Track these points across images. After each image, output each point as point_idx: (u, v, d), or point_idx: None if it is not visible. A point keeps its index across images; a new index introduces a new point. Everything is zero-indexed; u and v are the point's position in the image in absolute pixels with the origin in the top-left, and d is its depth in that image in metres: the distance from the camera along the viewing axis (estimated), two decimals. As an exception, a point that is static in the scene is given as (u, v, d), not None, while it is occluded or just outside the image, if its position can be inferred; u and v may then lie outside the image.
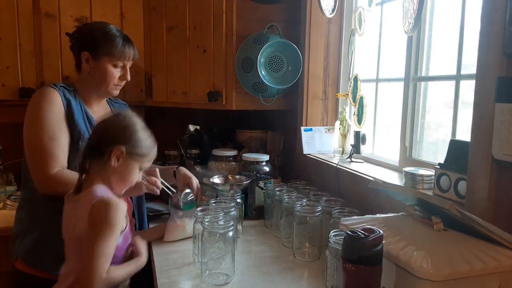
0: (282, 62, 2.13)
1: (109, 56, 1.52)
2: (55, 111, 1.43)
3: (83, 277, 1.07)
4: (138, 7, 2.34)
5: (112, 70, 1.54)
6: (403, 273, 0.95)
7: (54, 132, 1.41)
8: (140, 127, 1.22)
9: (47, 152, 1.39)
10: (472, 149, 1.15)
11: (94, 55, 1.52)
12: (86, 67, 1.53)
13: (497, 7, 1.07)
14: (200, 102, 2.23)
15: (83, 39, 1.54)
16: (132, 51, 1.58)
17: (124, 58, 1.55)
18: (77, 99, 1.53)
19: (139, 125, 1.21)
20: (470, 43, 1.40)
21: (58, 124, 1.43)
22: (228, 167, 2.15)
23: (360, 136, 1.91)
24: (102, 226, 1.09)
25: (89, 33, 1.53)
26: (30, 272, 1.44)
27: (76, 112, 1.48)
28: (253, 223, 1.90)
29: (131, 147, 1.19)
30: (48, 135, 1.40)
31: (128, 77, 1.59)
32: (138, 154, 1.21)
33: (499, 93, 1.07)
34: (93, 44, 1.51)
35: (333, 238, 1.16)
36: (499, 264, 0.93)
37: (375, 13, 1.90)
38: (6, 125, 1.49)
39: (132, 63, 1.61)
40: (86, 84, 1.56)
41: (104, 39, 1.51)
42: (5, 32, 2.13)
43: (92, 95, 1.59)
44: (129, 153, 1.19)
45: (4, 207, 2.13)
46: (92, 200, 1.12)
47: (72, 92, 1.52)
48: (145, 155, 1.23)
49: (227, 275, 1.36)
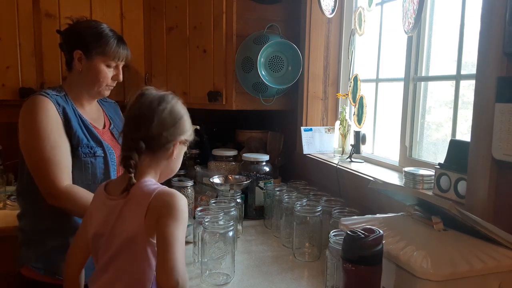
0: (282, 62, 2.13)
1: (102, 56, 1.49)
2: (53, 121, 1.40)
3: (168, 271, 0.97)
4: (138, 7, 2.34)
5: (105, 70, 1.51)
6: (403, 273, 0.95)
7: (55, 141, 1.38)
8: (185, 111, 1.16)
9: (52, 162, 1.36)
10: (472, 149, 1.15)
11: (87, 54, 1.49)
12: (78, 66, 1.50)
13: (497, 7, 1.07)
14: (200, 102, 2.23)
15: (75, 38, 1.50)
16: (126, 51, 1.55)
17: (118, 58, 1.53)
18: (70, 104, 1.49)
19: (184, 109, 1.16)
20: (470, 43, 1.40)
21: (57, 133, 1.40)
22: (228, 167, 2.15)
23: (360, 136, 1.91)
24: (175, 216, 1.00)
25: (83, 32, 1.50)
26: (37, 278, 1.43)
27: (72, 119, 1.45)
28: (253, 223, 1.90)
29: (187, 135, 1.16)
30: (50, 144, 1.37)
31: (121, 77, 1.57)
32: (188, 140, 1.18)
33: (499, 93, 1.07)
34: (87, 43, 1.48)
35: (333, 238, 1.16)
36: (499, 264, 0.94)
37: (375, 13, 1.90)
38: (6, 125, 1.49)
39: (124, 63, 1.58)
40: (77, 84, 1.53)
41: (98, 39, 1.49)
42: (5, 32, 2.13)
43: (83, 95, 1.55)
44: (184, 141, 1.16)
45: (4, 207, 2.13)
46: (148, 194, 1.03)
47: (64, 97, 1.48)
48: (191, 137, 1.19)
49: (227, 275, 1.36)
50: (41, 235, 1.43)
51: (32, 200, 1.44)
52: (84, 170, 1.43)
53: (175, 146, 1.12)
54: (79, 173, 1.42)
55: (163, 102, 1.10)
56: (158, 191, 1.04)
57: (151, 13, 2.35)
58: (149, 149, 1.08)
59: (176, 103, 1.14)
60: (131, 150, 1.06)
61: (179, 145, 1.14)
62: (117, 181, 1.14)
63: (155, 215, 1.01)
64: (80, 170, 1.43)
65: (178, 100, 1.16)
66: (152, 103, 1.09)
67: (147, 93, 1.12)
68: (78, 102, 1.54)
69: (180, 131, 1.13)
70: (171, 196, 1.03)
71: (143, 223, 1.02)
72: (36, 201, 1.41)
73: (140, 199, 1.04)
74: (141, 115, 1.08)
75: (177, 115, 1.12)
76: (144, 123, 1.07)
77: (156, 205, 1.02)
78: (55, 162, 1.36)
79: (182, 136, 1.14)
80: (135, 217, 1.04)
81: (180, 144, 1.14)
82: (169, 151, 1.12)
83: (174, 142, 1.11)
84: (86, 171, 1.43)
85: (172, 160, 1.14)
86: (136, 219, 1.03)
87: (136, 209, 1.04)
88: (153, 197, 1.03)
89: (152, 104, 1.09)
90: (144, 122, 1.07)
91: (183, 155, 1.20)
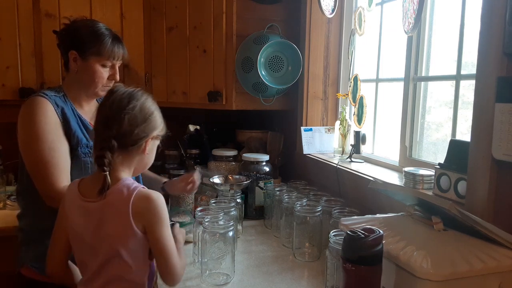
0: (282, 62, 2.13)
1: (97, 56, 1.47)
2: (51, 122, 1.39)
3: (170, 270, 1.08)
4: (138, 7, 2.33)
5: (100, 70, 1.49)
6: (403, 273, 0.95)
7: (53, 143, 1.37)
8: (155, 107, 1.18)
9: (51, 163, 1.35)
10: (472, 149, 1.15)
11: (82, 54, 1.46)
12: (74, 67, 1.48)
13: (497, 7, 1.07)
14: (200, 102, 2.23)
15: (70, 38, 1.48)
16: (122, 50, 1.52)
17: (113, 57, 1.50)
18: (69, 104, 1.48)
19: (154, 105, 1.18)
20: (470, 43, 1.40)
21: (56, 135, 1.39)
22: (228, 167, 2.15)
23: (360, 136, 1.91)
24: (162, 219, 1.07)
25: (77, 32, 1.48)
26: (37, 278, 1.43)
27: (71, 119, 1.44)
28: (253, 223, 1.90)
29: (158, 130, 1.17)
30: (48, 146, 1.36)
31: (117, 77, 1.54)
32: (161, 134, 1.19)
33: (499, 93, 1.07)
34: (81, 43, 1.46)
35: (333, 238, 1.16)
36: (499, 264, 0.94)
37: (375, 13, 1.90)
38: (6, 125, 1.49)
39: (121, 63, 1.56)
40: (74, 85, 1.52)
41: (92, 38, 1.46)
42: (5, 32, 2.13)
43: (81, 95, 1.53)
44: (156, 137, 1.17)
45: (4, 207, 2.13)
46: (128, 196, 1.06)
47: (62, 98, 1.47)
48: (163, 132, 1.21)
49: (227, 275, 1.36)
50: (41, 235, 1.43)
51: (31, 200, 1.44)
52: (84, 170, 1.43)
53: (147, 142, 1.14)
54: (79, 173, 1.41)
55: (133, 99, 1.12)
56: (137, 192, 1.07)
57: (151, 13, 2.35)
58: (122, 147, 1.10)
59: (145, 100, 1.15)
60: (104, 149, 1.07)
61: (152, 140, 1.16)
62: (91, 180, 1.13)
63: (141, 220, 1.06)
64: (80, 170, 1.42)
65: (148, 97, 1.17)
66: (121, 101, 1.11)
67: (116, 91, 1.13)
68: (77, 102, 1.53)
69: (152, 127, 1.14)
70: (151, 201, 1.07)
71: (129, 225, 1.05)
72: (36, 201, 1.40)
73: (121, 203, 1.06)
74: (112, 114, 1.09)
75: (147, 112, 1.14)
76: (115, 122, 1.08)
77: (141, 212, 1.06)
78: (53, 164, 1.36)
79: (154, 132, 1.15)
80: (119, 221, 1.06)
81: (152, 139, 1.16)
82: (142, 148, 1.13)
83: (146, 138, 1.13)
84: (86, 171, 1.43)
85: (145, 155, 1.16)
86: (121, 223, 1.06)
87: (119, 213, 1.06)
88: (133, 200, 1.06)
89: (122, 102, 1.10)
90: (115, 120, 1.09)
91: (156, 149, 1.22)
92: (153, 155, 1.22)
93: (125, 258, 1.07)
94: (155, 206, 1.07)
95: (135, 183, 1.12)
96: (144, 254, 1.10)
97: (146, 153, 1.15)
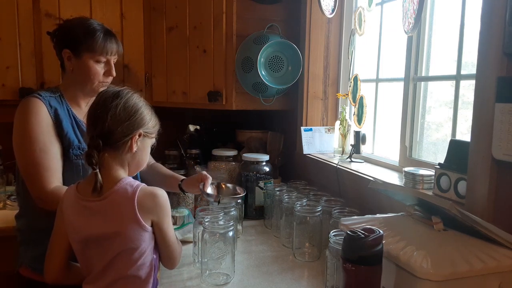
0: (282, 62, 2.13)
1: (90, 52, 1.44)
2: (43, 123, 1.38)
3: (172, 256, 1.19)
4: (138, 7, 2.33)
5: (95, 66, 1.46)
6: (403, 273, 0.95)
7: (45, 144, 1.36)
8: (142, 103, 1.18)
9: (41, 165, 1.34)
10: (472, 149, 1.15)
11: (75, 52, 1.45)
12: (69, 65, 1.46)
13: (497, 7, 1.07)
14: (200, 102, 2.23)
15: (63, 37, 1.47)
16: (115, 45, 1.50)
17: (106, 53, 1.47)
18: (64, 105, 1.47)
19: (141, 102, 1.18)
20: (470, 43, 1.40)
21: (48, 136, 1.38)
22: (228, 167, 2.15)
23: (360, 136, 1.91)
24: (167, 212, 1.14)
25: (69, 30, 1.47)
26: (35, 278, 1.42)
27: (64, 120, 1.43)
28: (253, 223, 1.91)
29: (145, 128, 1.17)
30: (39, 147, 1.35)
31: (113, 72, 1.52)
32: (150, 132, 1.19)
33: (499, 93, 1.07)
34: (73, 40, 1.44)
35: (333, 238, 1.16)
36: (499, 264, 0.94)
37: (375, 13, 1.90)
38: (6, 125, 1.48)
39: (117, 58, 1.53)
40: (71, 84, 1.50)
41: (84, 35, 1.44)
42: (5, 32, 2.13)
43: (78, 94, 1.52)
44: (145, 134, 1.18)
45: (4, 207, 2.13)
46: (133, 193, 1.08)
47: (58, 98, 1.46)
48: (155, 129, 1.22)
49: (227, 275, 1.36)
50: (38, 235, 1.42)
51: (28, 200, 1.42)
52: (76, 172, 1.41)
53: (133, 140, 1.14)
54: (71, 175, 1.40)
55: (117, 98, 1.13)
56: (141, 189, 1.10)
57: (151, 13, 2.35)
58: (108, 145, 1.11)
59: (130, 98, 1.15)
60: (90, 147, 1.10)
61: (140, 138, 1.16)
62: (88, 181, 1.13)
63: (150, 216, 1.10)
64: (72, 172, 1.41)
65: (134, 94, 1.17)
66: (106, 100, 1.13)
67: (105, 92, 1.16)
68: (75, 103, 1.51)
69: (137, 125, 1.14)
70: (157, 197, 1.12)
71: (138, 222, 1.07)
72: (32, 202, 1.39)
73: (126, 200, 1.08)
74: (97, 113, 1.12)
75: (131, 110, 1.14)
76: (99, 121, 1.11)
77: (149, 208, 1.10)
78: (44, 165, 1.35)
79: (140, 129, 1.15)
80: (126, 218, 1.08)
81: (140, 137, 1.16)
82: (128, 145, 1.14)
83: (132, 135, 1.13)
84: (78, 173, 1.41)
85: (136, 153, 1.17)
86: (128, 220, 1.07)
87: (125, 211, 1.08)
88: (139, 197, 1.08)
89: (106, 101, 1.13)
90: (99, 119, 1.11)
91: (149, 148, 1.23)
92: (145, 154, 1.22)
93: (132, 255, 1.08)
94: (162, 201, 1.12)
95: (136, 181, 1.13)
96: (150, 249, 1.12)
97: (133, 150, 1.15)
